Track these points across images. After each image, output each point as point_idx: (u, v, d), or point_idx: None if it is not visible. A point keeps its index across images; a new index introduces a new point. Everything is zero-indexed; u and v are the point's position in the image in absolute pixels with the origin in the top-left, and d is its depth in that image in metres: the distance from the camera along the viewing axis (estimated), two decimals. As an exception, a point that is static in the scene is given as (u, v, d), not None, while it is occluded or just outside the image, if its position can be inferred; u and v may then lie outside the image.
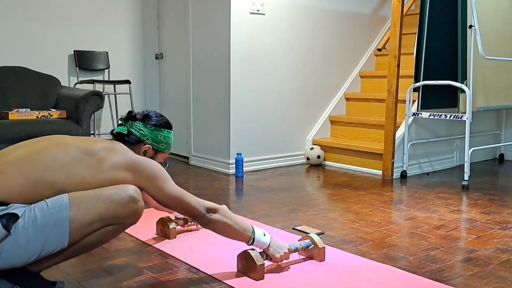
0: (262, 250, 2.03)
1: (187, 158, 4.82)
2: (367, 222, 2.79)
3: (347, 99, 5.00)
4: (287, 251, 2.04)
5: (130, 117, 1.92)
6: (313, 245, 2.17)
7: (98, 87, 4.87)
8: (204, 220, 1.84)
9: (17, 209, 1.54)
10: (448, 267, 2.13)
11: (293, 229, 2.65)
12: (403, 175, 4.03)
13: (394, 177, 4.03)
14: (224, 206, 1.93)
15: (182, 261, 2.16)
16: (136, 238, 2.46)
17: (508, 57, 3.96)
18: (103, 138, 1.84)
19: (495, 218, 2.88)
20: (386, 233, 2.59)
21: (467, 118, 3.59)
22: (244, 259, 2.00)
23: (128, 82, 4.72)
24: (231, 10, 4.10)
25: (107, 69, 4.95)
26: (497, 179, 4.01)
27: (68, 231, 1.57)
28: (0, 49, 4.43)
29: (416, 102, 4.01)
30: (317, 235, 2.21)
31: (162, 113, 5.19)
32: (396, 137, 4.04)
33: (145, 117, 1.92)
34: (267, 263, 2.09)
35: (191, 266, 2.10)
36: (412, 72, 4.42)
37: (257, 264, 1.94)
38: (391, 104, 4.01)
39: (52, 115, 4.00)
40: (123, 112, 5.06)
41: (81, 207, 1.59)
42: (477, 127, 4.75)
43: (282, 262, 2.12)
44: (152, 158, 1.92)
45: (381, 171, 4.11)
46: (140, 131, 1.90)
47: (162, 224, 2.47)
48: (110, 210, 1.62)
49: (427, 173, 4.23)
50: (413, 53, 4.11)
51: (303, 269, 2.07)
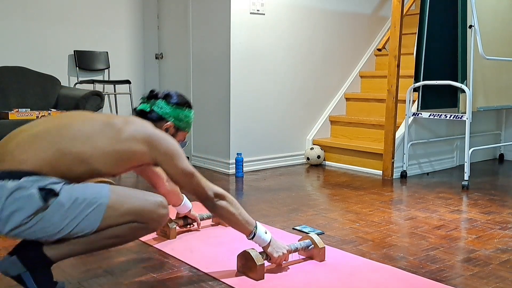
0: (262, 249, 2.03)
1: (187, 158, 4.81)
2: (367, 222, 2.79)
3: (347, 99, 5.00)
4: (286, 252, 2.04)
5: (153, 96, 1.98)
6: (313, 245, 2.17)
7: (98, 87, 4.87)
8: (211, 204, 1.89)
9: (56, 185, 1.62)
10: (448, 267, 2.13)
11: (293, 229, 2.65)
12: (403, 175, 4.03)
13: (394, 177, 4.03)
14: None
15: (182, 261, 2.16)
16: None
17: (508, 57, 3.96)
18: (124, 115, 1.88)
19: (495, 218, 2.88)
20: (386, 233, 2.59)
21: (467, 118, 3.59)
22: (244, 259, 2.00)
23: (128, 82, 4.72)
24: (231, 10, 4.10)
25: (107, 69, 4.95)
26: (497, 179, 4.01)
27: (102, 216, 1.65)
28: (0, 49, 4.43)
29: (416, 102, 4.01)
30: (317, 235, 2.21)
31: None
32: (396, 137, 4.04)
33: (167, 96, 1.99)
34: (267, 263, 2.09)
35: (191, 266, 2.10)
36: (412, 72, 4.42)
37: (257, 264, 1.94)
38: (391, 104, 4.01)
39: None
40: (123, 112, 5.07)
41: (119, 199, 1.68)
42: (477, 127, 4.75)
43: (282, 262, 2.12)
44: (173, 136, 1.98)
45: (381, 171, 4.11)
46: (162, 109, 1.96)
47: (162, 224, 2.47)
48: (142, 208, 1.70)
49: (427, 173, 4.23)
50: (413, 53, 4.11)
51: (303, 269, 2.07)
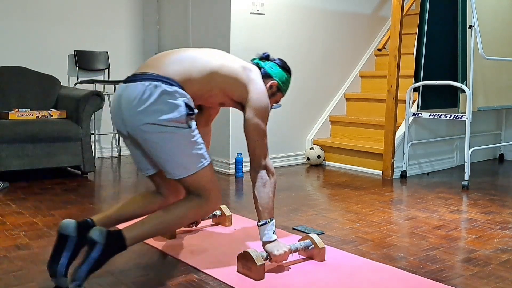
0: (263, 246, 2.03)
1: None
2: (367, 222, 2.79)
3: (347, 99, 5.00)
4: (287, 251, 2.04)
5: (265, 57, 2.26)
6: (313, 245, 2.17)
7: (98, 87, 4.87)
8: (257, 170, 2.05)
9: (192, 104, 1.94)
10: (448, 267, 2.13)
11: (293, 229, 2.65)
12: (403, 175, 4.03)
13: (394, 177, 4.03)
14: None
15: (182, 261, 2.16)
16: (136, 238, 2.46)
17: (508, 57, 3.96)
18: None
19: (495, 218, 2.88)
20: (386, 233, 2.59)
21: (467, 118, 3.59)
22: (244, 259, 2.00)
23: (128, 82, 4.71)
24: (231, 10, 4.10)
25: (107, 69, 4.95)
26: (497, 179, 4.01)
27: (198, 170, 1.94)
28: (0, 49, 4.43)
29: (416, 102, 4.01)
30: (317, 235, 2.21)
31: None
32: (396, 137, 4.04)
33: (278, 60, 2.25)
34: (267, 263, 2.09)
35: (191, 266, 2.10)
36: (412, 72, 4.42)
37: (257, 264, 1.94)
38: (391, 104, 4.01)
39: (52, 115, 4.00)
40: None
41: (212, 172, 2.00)
42: (477, 127, 4.75)
43: (281, 263, 2.12)
44: (273, 94, 2.20)
45: (381, 171, 4.11)
46: (272, 69, 2.21)
47: (162, 224, 2.47)
48: (216, 190, 2.01)
49: (427, 173, 4.23)
50: (413, 53, 4.11)
51: (303, 269, 2.07)
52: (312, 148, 4.57)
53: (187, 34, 4.68)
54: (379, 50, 4.97)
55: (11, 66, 4.26)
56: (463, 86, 3.61)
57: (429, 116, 3.82)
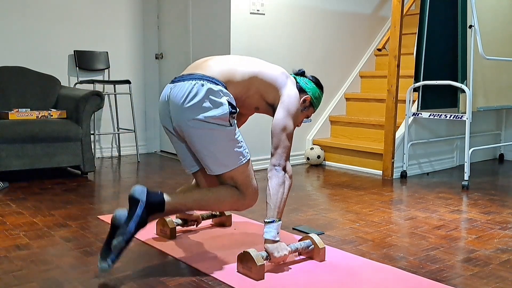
0: (264, 244, 2.03)
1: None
2: (367, 222, 2.79)
3: (347, 99, 5.00)
4: (287, 253, 2.04)
5: (301, 73, 2.37)
6: (313, 245, 2.17)
7: (98, 87, 4.87)
8: (275, 168, 2.11)
9: (234, 102, 2.07)
10: (448, 267, 2.13)
11: (293, 229, 2.65)
12: (403, 175, 4.03)
13: (394, 177, 4.03)
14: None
15: (182, 261, 2.16)
16: (136, 238, 2.46)
17: (508, 57, 3.96)
18: None
19: (495, 218, 2.88)
20: (386, 233, 2.59)
21: (467, 118, 3.59)
22: (244, 259, 2.00)
23: (128, 82, 4.72)
24: (231, 10, 4.10)
25: (107, 69, 4.95)
26: (497, 179, 4.01)
27: (237, 167, 2.08)
28: (0, 49, 4.43)
29: (416, 102, 4.01)
30: (317, 235, 2.21)
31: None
32: (396, 137, 4.04)
33: (312, 77, 2.37)
34: (267, 264, 2.09)
35: (191, 266, 2.10)
36: (412, 72, 4.42)
37: (257, 264, 1.94)
38: (391, 104, 4.01)
39: (52, 115, 4.00)
40: (123, 112, 5.06)
41: (250, 169, 2.14)
42: (477, 127, 4.75)
43: (281, 263, 2.12)
44: (305, 108, 2.32)
45: (381, 171, 4.11)
46: (306, 84, 2.32)
47: (162, 224, 2.47)
48: (253, 186, 2.15)
49: (427, 173, 4.23)
50: (413, 53, 4.11)
51: (303, 269, 2.07)
52: (312, 148, 4.57)
53: (187, 34, 4.68)
54: (379, 50, 4.97)
55: (11, 66, 4.26)
56: (463, 86, 3.61)
57: (429, 116, 3.82)
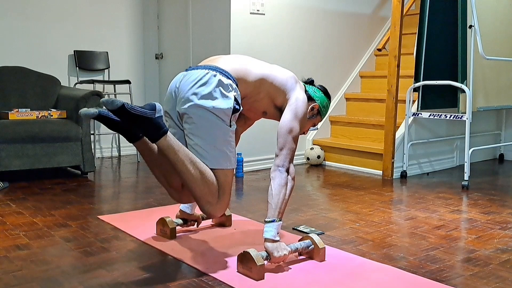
0: (264, 243, 2.04)
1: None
2: (367, 222, 2.79)
3: (347, 99, 5.00)
4: (287, 253, 2.05)
5: (310, 82, 2.42)
6: (313, 245, 2.17)
7: (98, 87, 4.87)
8: (279, 169, 2.11)
9: (239, 99, 2.10)
10: (448, 267, 2.13)
11: (293, 229, 2.65)
12: (403, 175, 4.03)
13: (394, 177, 4.03)
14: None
15: (182, 261, 2.16)
16: (136, 238, 2.46)
17: (508, 57, 3.96)
18: None
19: (495, 218, 2.88)
20: (386, 233, 2.59)
21: (467, 118, 3.59)
22: (244, 259, 2.00)
23: (128, 82, 4.72)
24: (231, 10, 4.10)
25: (107, 69, 4.95)
26: (497, 179, 4.01)
27: (221, 169, 2.08)
28: (0, 49, 4.43)
29: (416, 102, 4.01)
30: (317, 235, 2.21)
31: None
32: (396, 137, 4.04)
33: (320, 86, 2.42)
34: (267, 264, 2.09)
35: (191, 266, 2.10)
36: (412, 72, 4.42)
37: (257, 264, 1.94)
38: (391, 104, 4.01)
39: (52, 115, 4.00)
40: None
41: (230, 177, 2.13)
42: (477, 127, 4.75)
43: (281, 263, 2.12)
44: (313, 116, 2.36)
45: (381, 171, 4.11)
46: (315, 93, 2.36)
47: (162, 224, 2.47)
48: (227, 195, 2.12)
49: (427, 173, 4.23)
50: (413, 53, 4.11)
51: (303, 269, 2.07)
52: (312, 148, 4.57)
53: (187, 34, 4.68)
54: (379, 50, 4.97)
55: (11, 66, 4.26)
56: (463, 86, 3.61)
57: (429, 116, 3.82)
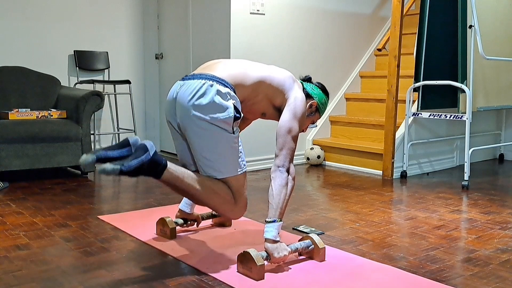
0: (265, 244, 2.04)
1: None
2: (367, 222, 2.79)
3: (347, 99, 5.00)
4: (287, 254, 2.05)
5: (307, 79, 2.40)
6: (313, 245, 2.17)
7: (98, 87, 4.87)
8: (279, 169, 2.10)
9: (239, 107, 2.10)
10: (448, 267, 2.13)
11: (293, 229, 2.65)
12: (403, 175, 4.03)
13: (394, 177, 4.03)
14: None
15: (182, 261, 2.16)
16: (136, 238, 2.46)
17: (508, 57, 3.96)
18: None
19: (495, 218, 2.88)
20: (386, 233, 2.59)
21: (467, 118, 3.59)
22: (244, 259, 2.00)
23: (128, 82, 4.72)
24: (231, 10, 4.10)
25: (107, 69, 4.95)
26: (497, 179, 4.01)
27: (234, 176, 2.13)
28: (0, 49, 4.43)
29: (416, 102, 4.01)
30: (317, 235, 2.21)
31: (162, 113, 5.19)
32: (396, 137, 4.04)
33: (318, 83, 2.41)
34: (267, 264, 2.09)
35: (191, 266, 2.10)
36: (412, 72, 4.42)
37: (257, 265, 1.94)
38: (391, 104, 4.01)
39: (52, 115, 4.00)
40: (123, 112, 5.06)
41: (245, 179, 2.18)
42: (477, 127, 4.75)
43: (280, 264, 2.12)
44: (311, 113, 2.35)
45: (381, 171, 4.11)
46: (313, 90, 2.35)
47: (162, 224, 2.47)
48: (245, 197, 2.18)
49: (427, 173, 4.23)
50: (413, 53, 4.11)
51: (303, 269, 2.07)
52: (312, 148, 4.57)
53: (187, 34, 4.68)
54: (379, 50, 4.97)
55: (11, 66, 4.26)
56: (463, 86, 3.61)
57: (429, 116, 3.82)
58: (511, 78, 4.03)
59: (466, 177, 3.65)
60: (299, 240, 2.20)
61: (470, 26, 3.59)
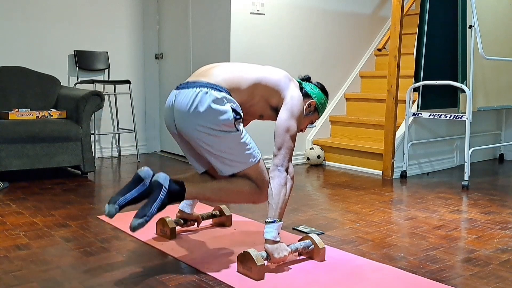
0: (265, 244, 2.04)
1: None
2: (367, 222, 2.79)
3: (347, 99, 5.00)
4: (287, 254, 2.05)
5: (306, 79, 2.39)
6: (313, 245, 2.17)
7: (98, 87, 4.87)
8: (278, 169, 2.10)
9: (238, 109, 2.09)
10: (448, 267, 2.13)
11: (293, 229, 2.65)
12: (403, 175, 4.03)
13: (394, 177, 4.02)
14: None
15: (182, 261, 2.16)
16: (136, 238, 2.46)
17: (508, 57, 3.96)
18: None
19: (495, 218, 2.88)
20: (386, 233, 2.59)
21: (467, 118, 3.59)
22: (244, 259, 2.00)
23: (128, 82, 4.72)
24: (231, 10, 4.10)
25: (107, 69, 4.95)
26: (497, 179, 4.01)
27: (249, 166, 2.13)
28: (0, 49, 4.43)
29: (416, 102, 4.01)
30: (317, 235, 2.21)
31: (162, 113, 5.18)
32: (396, 137, 4.04)
33: (317, 83, 2.40)
34: (267, 264, 2.09)
35: (191, 266, 2.10)
36: (412, 72, 4.42)
37: (257, 265, 1.94)
38: (391, 104, 4.01)
39: (52, 115, 4.00)
40: (123, 112, 5.07)
41: (262, 166, 2.18)
42: (477, 127, 4.75)
43: (280, 264, 2.12)
44: (310, 113, 2.34)
45: (381, 171, 4.11)
46: (312, 90, 2.34)
47: (162, 224, 2.47)
48: (266, 181, 2.16)
49: (427, 173, 4.23)
50: (413, 53, 4.11)
51: (303, 269, 2.07)
52: (312, 148, 4.57)
53: (187, 34, 4.68)
54: (379, 50, 4.97)
55: (11, 66, 4.26)
56: (463, 86, 3.61)
57: (429, 116, 3.82)
58: (511, 78, 4.03)
59: (466, 177, 3.65)
60: (299, 240, 2.20)
61: (470, 26, 3.59)
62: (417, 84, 3.87)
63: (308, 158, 4.57)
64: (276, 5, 4.37)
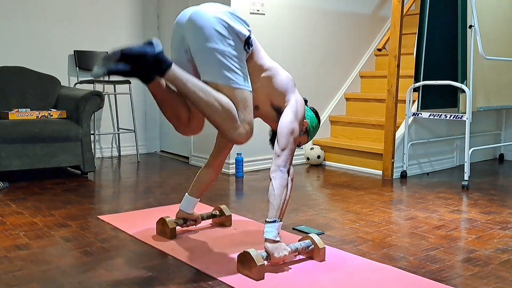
0: (265, 244, 2.04)
1: (187, 158, 4.82)
2: (367, 222, 2.79)
3: (347, 99, 5.00)
4: (287, 254, 2.05)
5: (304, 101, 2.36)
6: (313, 245, 2.17)
7: (98, 87, 4.87)
8: (280, 169, 2.09)
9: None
10: (448, 267, 2.13)
11: (293, 229, 2.65)
12: (403, 175, 4.03)
13: (394, 177, 4.03)
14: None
15: (182, 261, 2.16)
16: (136, 238, 2.46)
17: (508, 57, 3.96)
18: None
19: (495, 218, 2.88)
20: (386, 233, 2.59)
21: (467, 118, 3.59)
22: (244, 259, 2.00)
23: (128, 82, 4.72)
24: (231, 10, 4.09)
25: (107, 69, 4.94)
26: (497, 179, 4.01)
27: (241, 87, 2.02)
28: (0, 49, 4.43)
29: (416, 102, 4.01)
30: (317, 235, 2.21)
31: (162, 113, 5.19)
32: (396, 137, 4.04)
33: (312, 108, 2.42)
34: (267, 264, 2.09)
35: (191, 266, 2.10)
36: (412, 72, 4.42)
37: (257, 264, 1.94)
38: (391, 104, 4.01)
39: (52, 115, 4.00)
40: (123, 112, 5.06)
41: (250, 101, 2.06)
42: (477, 127, 4.75)
43: (280, 264, 2.12)
44: (301, 133, 2.29)
45: (381, 171, 4.11)
46: (307, 112, 2.35)
47: (162, 224, 2.47)
48: (250, 118, 2.06)
49: (427, 173, 4.23)
50: (413, 53, 4.11)
51: (303, 269, 2.07)
52: (312, 148, 4.58)
53: (187, 34, 4.68)
54: (379, 50, 4.97)
55: (11, 66, 4.26)
56: (463, 86, 3.61)
57: (429, 116, 3.82)
58: (511, 78, 4.03)
59: (466, 177, 3.65)
60: (299, 240, 2.20)
61: (470, 26, 3.59)
62: (417, 84, 3.87)
63: (308, 158, 4.57)
64: (276, 5, 4.37)
